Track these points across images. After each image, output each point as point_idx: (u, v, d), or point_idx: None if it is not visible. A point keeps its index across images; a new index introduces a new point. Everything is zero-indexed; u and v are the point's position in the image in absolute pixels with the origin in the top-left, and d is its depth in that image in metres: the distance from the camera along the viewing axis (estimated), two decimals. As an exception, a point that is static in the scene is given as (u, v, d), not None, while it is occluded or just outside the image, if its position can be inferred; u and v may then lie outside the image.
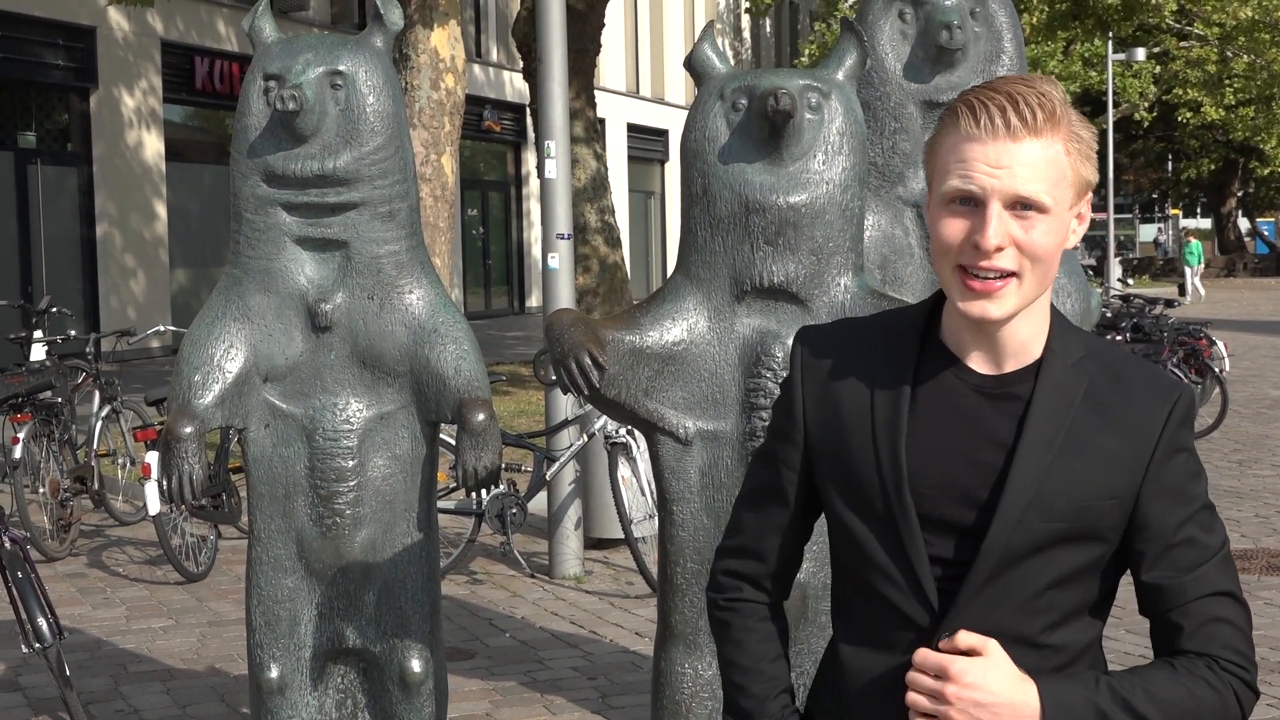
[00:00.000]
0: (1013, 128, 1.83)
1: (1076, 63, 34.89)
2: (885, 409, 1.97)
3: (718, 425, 4.04)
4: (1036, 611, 1.92)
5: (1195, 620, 1.92)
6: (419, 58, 11.27)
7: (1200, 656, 1.91)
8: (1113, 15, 26.16)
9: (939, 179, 1.90)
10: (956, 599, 1.92)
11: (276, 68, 4.10)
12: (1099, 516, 1.91)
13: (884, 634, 1.98)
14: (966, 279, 1.87)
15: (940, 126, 1.91)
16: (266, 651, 4.32)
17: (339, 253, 4.19)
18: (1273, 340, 23.41)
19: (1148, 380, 1.97)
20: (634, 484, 7.88)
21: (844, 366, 2.03)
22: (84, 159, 20.54)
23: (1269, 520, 9.36)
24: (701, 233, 4.01)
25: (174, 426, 4.07)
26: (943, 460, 1.94)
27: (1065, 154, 1.87)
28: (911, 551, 1.93)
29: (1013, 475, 1.90)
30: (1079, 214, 1.93)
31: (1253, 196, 58.00)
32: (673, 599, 4.14)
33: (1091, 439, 1.92)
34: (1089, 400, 1.93)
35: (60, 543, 8.71)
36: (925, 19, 4.80)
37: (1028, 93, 1.85)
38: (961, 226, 1.87)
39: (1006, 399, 1.95)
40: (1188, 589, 1.92)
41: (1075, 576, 1.94)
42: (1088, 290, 4.90)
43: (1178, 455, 1.94)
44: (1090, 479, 1.91)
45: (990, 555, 1.90)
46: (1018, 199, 1.85)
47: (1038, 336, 1.95)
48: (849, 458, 1.99)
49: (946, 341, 1.99)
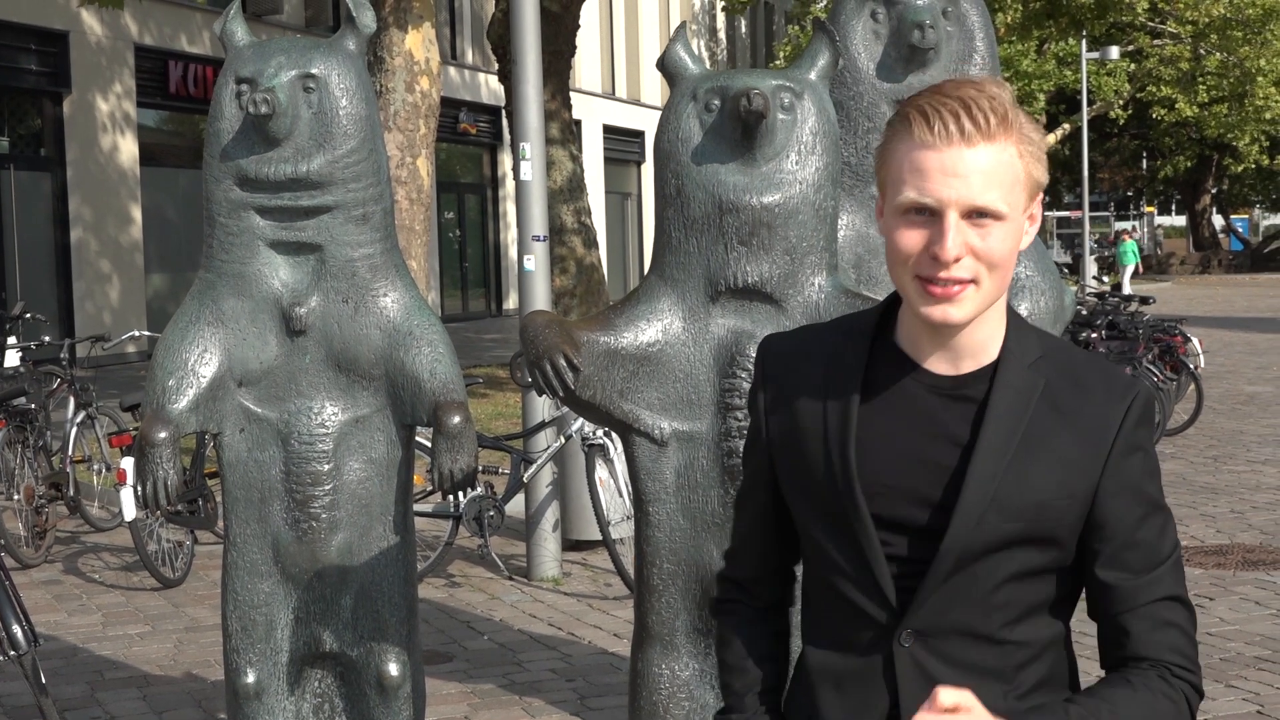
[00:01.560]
0: (967, 133, 1.82)
1: (1050, 61, 34.99)
2: (836, 413, 1.98)
3: (693, 426, 4.05)
4: (994, 607, 1.92)
5: (1146, 625, 1.92)
6: (393, 60, 11.25)
7: (1153, 665, 1.92)
8: (1086, 14, 26.28)
9: (893, 188, 1.88)
10: (915, 597, 1.93)
11: (249, 71, 4.09)
12: (1057, 516, 1.92)
13: (846, 633, 1.99)
14: (926, 285, 1.86)
15: (891, 133, 1.90)
16: (243, 657, 4.31)
17: (313, 256, 4.18)
18: (1247, 336, 23.53)
19: (1105, 380, 1.97)
20: (611, 485, 7.88)
21: (801, 373, 2.05)
22: (58, 163, 20.46)
23: (1244, 515, 9.41)
24: (675, 233, 4.02)
25: (149, 432, 4.05)
26: (898, 461, 1.95)
27: (1018, 157, 1.86)
28: (868, 551, 1.94)
29: (970, 475, 1.91)
30: (1030, 215, 1.93)
31: (1227, 194, 58.30)
32: (649, 600, 4.14)
33: (1048, 439, 1.92)
34: (1045, 400, 1.94)
35: (35, 549, 8.67)
36: (897, 18, 4.82)
37: (979, 97, 1.83)
38: (918, 237, 1.86)
39: (962, 400, 1.95)
40: (1140, 592, 1.93)
41: (1036, 575, 1.94)
42: (1061, 288, 4.92)
43: (1135, 454, 1.94)
44: (1047, 478, 1.91)
45: (949, 555, 1.91)
46: (974, 209, 1.84)
47: (994, 338, 1.96)
48: (804, 462, 2.01)
49: (902, 344, 1.99)
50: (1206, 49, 32.71)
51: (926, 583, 1.92)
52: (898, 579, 1.94)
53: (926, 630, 1.93)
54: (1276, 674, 6.14)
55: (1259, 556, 8.21)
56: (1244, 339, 23.11)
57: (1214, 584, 7.63)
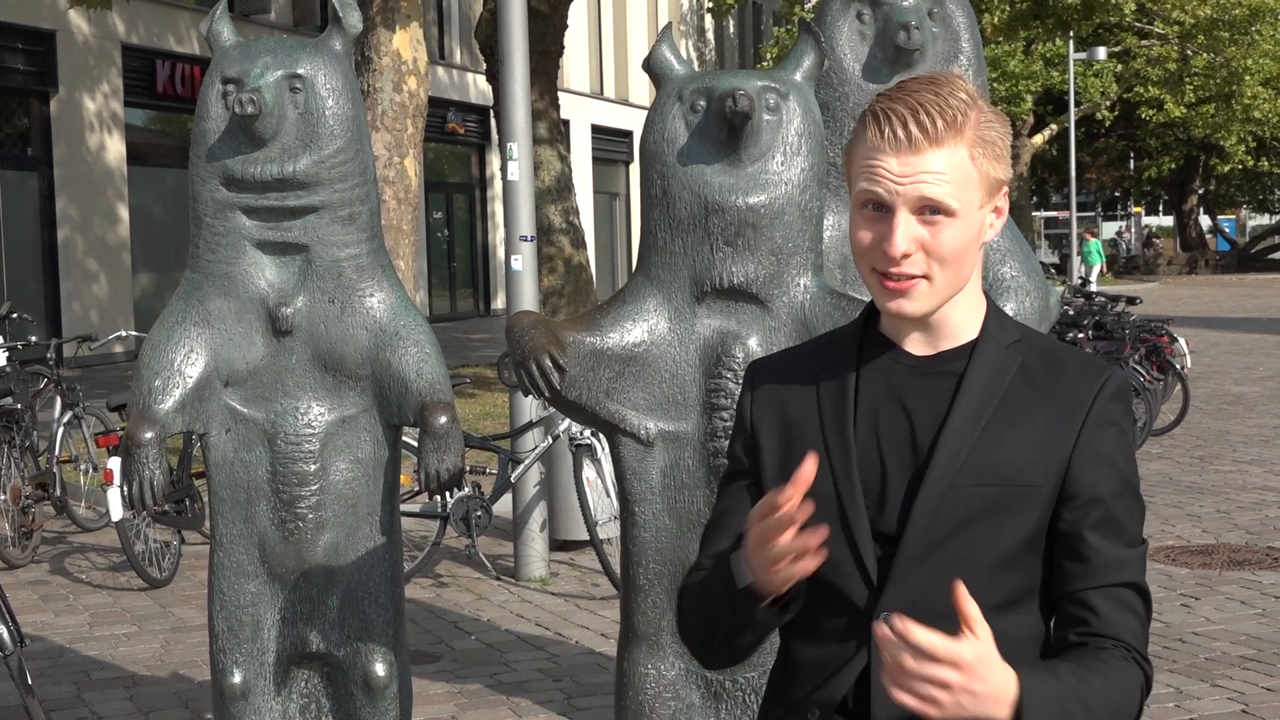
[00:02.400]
0: (914, 140, 1.88)
1: (1037, 62, 35.06)
2: (830, 398, 2.04)
3: (679, 426, 4.06)
4: (979, 592, 1.93)
5: (1111, 605, 1.95)
6: (381, 60, 11.25)
7: (1116, 645, 1.94)
8: (1073, 14, 26.30)
9: (853, 183, 1.96)
10: (892, 572, 1.96)
11: (235, 71, 4.09)
12: (1028, 482, 1.95)
13: (824, 624, 2.02)
14: (881, 278, 1.94)
15: (855, 132, 1.97)
16: (229, 657, 4.31)
17: (299, 256, 4.18)
18: (1234, 336, 23.60)
19: (1080, 361, 2.03)
20: (599, 485, 7.89)
21: (790, 375, 2.11)
22: (45, 163, 20.41)
23: (1230, 515, 9.43)
24: (661, 234, 4.03)
25: (135, 432, 4.05)
26: (881, 437, 2.01)
27: (970, 159, 1.91)
28: (855, 528, 1.98)
29: (942, 440, 1.96)
30: (995, 208, 1.98)
31: (1213, 194, 58.43)
32: (635, 599, 4.15)
33: (1023, 410, 1.98)
34: (1022, 376, 2.00)
35: (22, 550, 8.66)
36: (883, 19, 4.83)
37: (930, 101, 1.89)
38: (873, 232, 1.93)
39: (941, 375, 2.01)
40: (1108, 571, 1.95)
41: (1016, 557, 1.97)
42: (1046, 288, 4.93)
43: (1110, 428, 1.97)
44: (1020, 446, 1.96)
45: (920, 518, 1.95)
46: (924, 203, 1.90)
47: (972, 319, 2.02)
48: (798, 451, 2.01)
49: (885, 331, 2.06)
50: (1193, 49, 32.78)
51: (902, 552, 1.95)
52: (880, 560, 1.97)
53: (905, 613, 1.90)
54: (1261, 673, 6.16)
55: (1245, 556, 8.24)
56: (1230, 339, 23.17)
57: (1200, 584, 7.66)
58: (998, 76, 33.75)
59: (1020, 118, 36.39)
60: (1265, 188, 57.75)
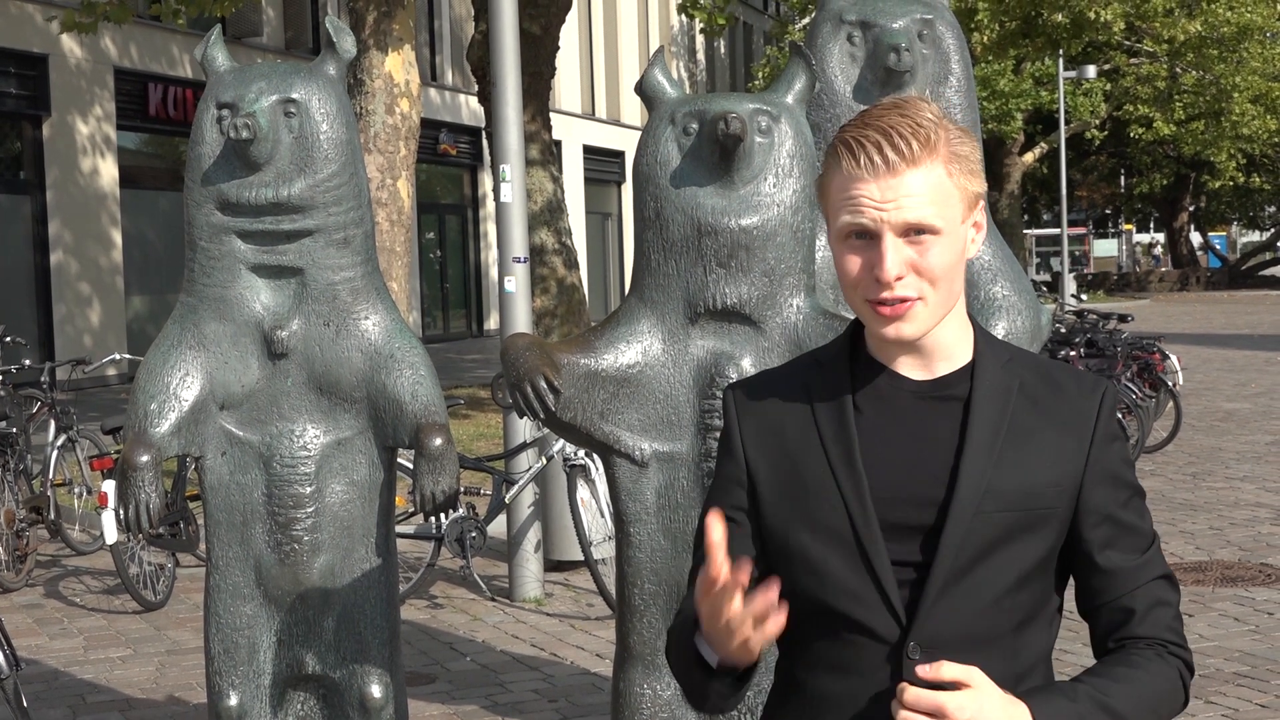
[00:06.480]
0: (891, 163, 1.89)
1: (1027, 81, 35.19)
2: (831, 425, 2.01)
3: (673, 447, 4.07)
4: (1002, 612, 1.96)
5: (1144, 604, 2.00)
6: (373, 82, 11.28)
7: (1150, 644, 1.99)
8: (1063, 33, 26.38)
9: (833, 215, 1.95)
10: (921, 602, 1.94)
11: (229, 96, 4.12)
12: (1048, 503, 1.98)
13: (847, 655, 1.98)
14: (875, 306, 1.93)
15: (825, 164, 1.97)
16: (225, 679, 4.32)
17: (294, 280, 4.20)
18: (1225, 353, 23.64)
19: (1074, 377, 2.06)
20: (593, 506, 7.90)
21: (779, 401, 2.08)
22: (37, 186, 20.43)
23: (1223, 532, 9.45)
24: (655, 256, 4.05)
25: (130, 455, 4.07)
26: (893, 466, 1.98)
27: (947, 175, 1.92)
28: (875, 560, 1.95)
29: (963, 469, 1.95)
30: (975, 223, 1.99)
31: (1204, 211, 58.57)
32: (631, 620, 4.16)
33: (1032, 430, 1.99)
34: (1023, 396, 2.01)
35: (16, 573, 8.65)
36: (874, 41, 4.86)
37: (901, 124, 1.90)
38: (861, 259, 1.92)
39: (945, 400, 2.01)
40: (1139, 573, 2.01)
41: (1032, 576, 1.98)
42: (1038, 307, 4.95)
43: (1114, 443, 2.02)
44: (1036, 467, 1.98)
45: (949, 550, 1.94)
46: (909, 226, 1.90)
47: (963, 339, 2.02)
48: (802, 481, 2.01)
49: (874, 354, 2.04)
50: (1182, 67, 32.92)
51: (930, 583, 1.94)
52: (903, 588, 1.95)
53: (934, 642, 1.93)
54: (1255, 690, 6.17)
55: (1237, 573, 8.25)
56: (1222, 356, 23.21)
57: (1193, 600, 7.67)
58: (987, 95, 33.85)
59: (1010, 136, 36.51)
60: (1256, 204, 57.88)
